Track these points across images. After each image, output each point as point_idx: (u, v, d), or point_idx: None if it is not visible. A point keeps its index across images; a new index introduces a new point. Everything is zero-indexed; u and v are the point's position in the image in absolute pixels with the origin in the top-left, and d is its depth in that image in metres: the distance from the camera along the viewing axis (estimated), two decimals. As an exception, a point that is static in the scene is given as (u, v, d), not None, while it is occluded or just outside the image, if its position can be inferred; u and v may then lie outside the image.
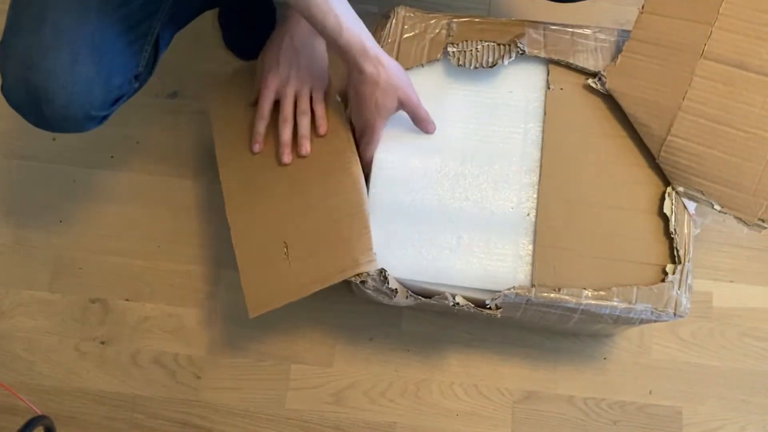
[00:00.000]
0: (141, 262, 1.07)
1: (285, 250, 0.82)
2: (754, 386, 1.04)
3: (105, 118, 0.81)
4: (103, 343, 1.04)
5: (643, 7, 0.84)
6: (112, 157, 1.11)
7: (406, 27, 0.90)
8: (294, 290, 0.81)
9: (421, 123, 0.84)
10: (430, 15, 0.90)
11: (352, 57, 0.76)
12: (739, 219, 0.80)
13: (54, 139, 1.12)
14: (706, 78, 0.80)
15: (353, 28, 0.75)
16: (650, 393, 1.03)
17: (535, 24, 0.89)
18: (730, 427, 1.02)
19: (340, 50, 0.76)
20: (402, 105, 0.81)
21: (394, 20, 0.90)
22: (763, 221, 0.79)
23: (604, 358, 1.04)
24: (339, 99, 0.87)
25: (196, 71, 1.15)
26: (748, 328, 1.06)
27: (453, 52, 0.87)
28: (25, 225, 1.09)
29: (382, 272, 0.80)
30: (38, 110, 0.74)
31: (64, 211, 1.09)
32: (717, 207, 0.81)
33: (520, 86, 0.88)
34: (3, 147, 1.12)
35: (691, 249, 0.81)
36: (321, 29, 0.75)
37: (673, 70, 0.82)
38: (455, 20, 0.90)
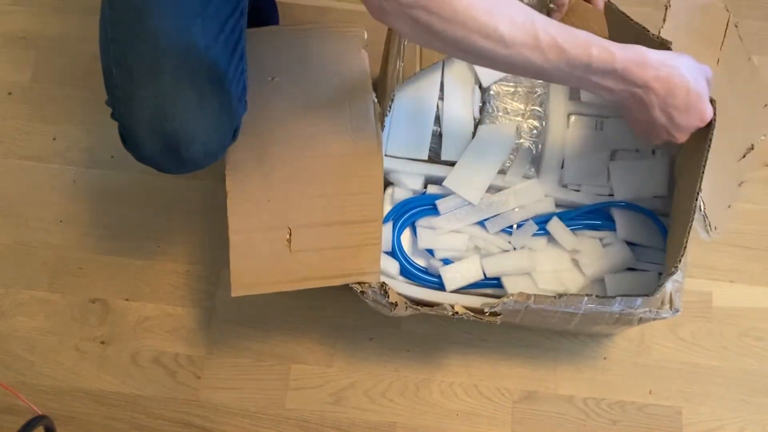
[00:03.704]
0: (141, 262, 1.07)
1: (288, 236, 0.80)
2: (754, 386, 1.04)
3: (227, 147, 0.80)
4: (103, 343, 1.04)
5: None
6: (112, 157, 1.11)
7: None
8: (289, 281, 0.78)
9: None
10: None
11: (634, 75, 0.67)
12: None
13: (54, 139, 1.11)
14: None
15: (622, 46, 0.66)
16: (650, 393, 1.03)
17: None
18: (730, 427, 1.02)
19: (619, 77, 0.67)
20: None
21: None
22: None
23: (604, 358, 1.04)
24: (375, 100, 0.86)
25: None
26: (748, 328, 1.06)
27: None
28: (25, 225, 1.08)
29: (383, 286, 0.79)
30: (176, 155, 0.73)
31: (64, 211, 1.09)
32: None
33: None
34: (3, 147, 1.12)
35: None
36: (587, 68, 0.66)
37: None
38: None
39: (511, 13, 0.63)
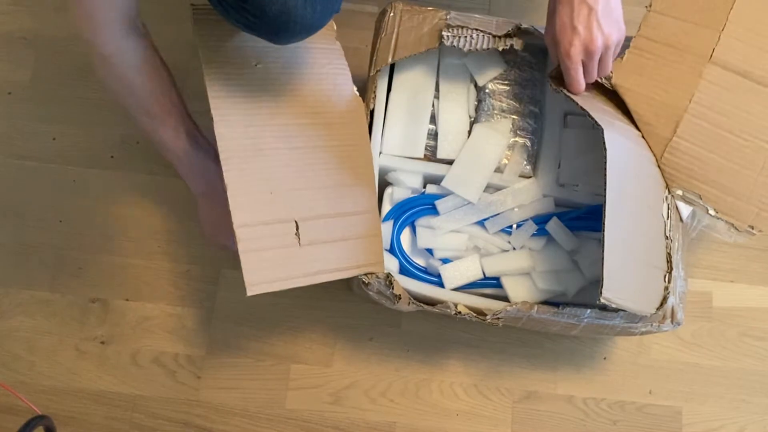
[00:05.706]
0: (141, 262, 1.07)
1: (296, 230, 0.77)
2: (754, 386, 1.04)
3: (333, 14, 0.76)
4: (103, 343, 1.04)
5: (650, 6, 0.84)
6: (112, 157, 1.11)
7: (404, 19, 0.90)
8: (302, 276, 0.75)
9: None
10: (428, 8, 0.90)
11: None
12: (731, 225, 0.81)
13: (54, 139, 1.12)
14: (712, 83, 0.81)
15: None
16: (650, 393, 1.03)
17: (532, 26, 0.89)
18: (730, 427, 1.02)
19: None
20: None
21: (391, 13, 0.90)
22: (752, 228, 0.81)
23: (604, 358, 1.04)
24: (356, 92, 0.86)
25: (195, 70, 1.15)
26: (748, 328, 1.06)
27: (447, 35, 0.87)
28: (25, 225, 1.08)
29: (388, 276, 0.79)
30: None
31: (64, 211, 1.09)
32: (712, 212, 0.81)
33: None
34: (3, 147, 1.12)
35: (680, 254, 0.81)
36: None
37: (680, 71, 0.82)
38: (453, 12, 0.90)
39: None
